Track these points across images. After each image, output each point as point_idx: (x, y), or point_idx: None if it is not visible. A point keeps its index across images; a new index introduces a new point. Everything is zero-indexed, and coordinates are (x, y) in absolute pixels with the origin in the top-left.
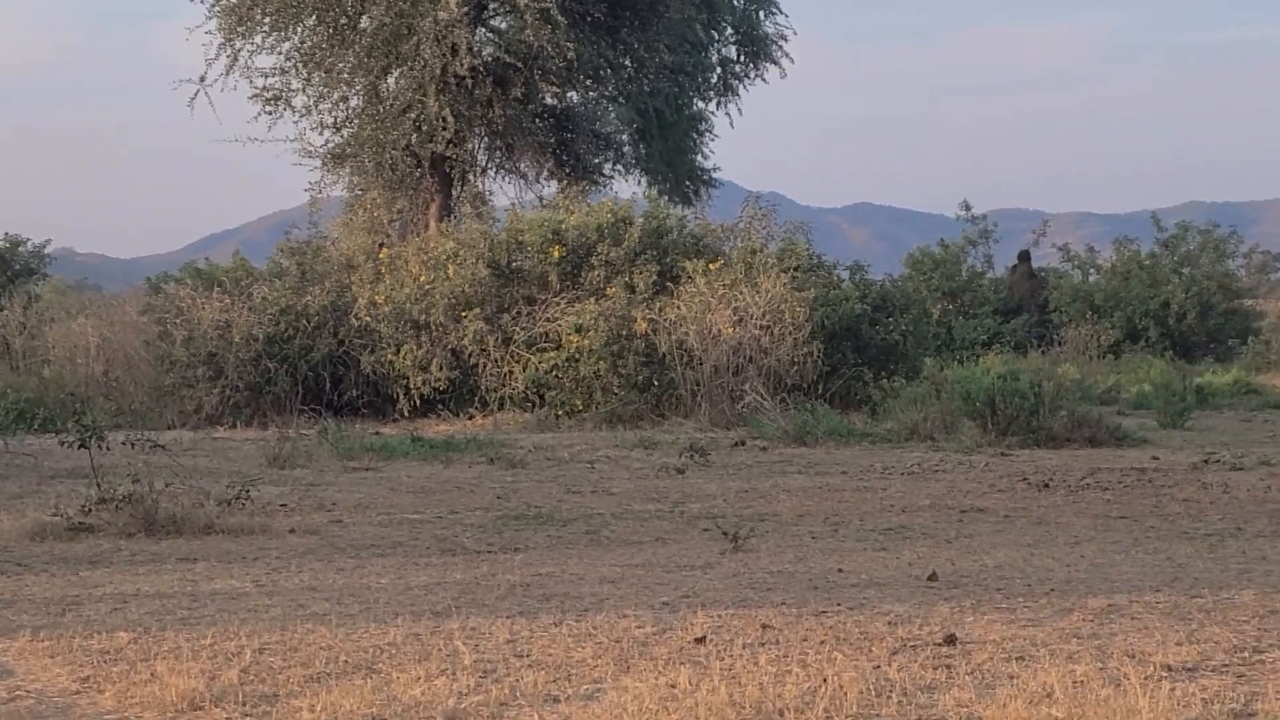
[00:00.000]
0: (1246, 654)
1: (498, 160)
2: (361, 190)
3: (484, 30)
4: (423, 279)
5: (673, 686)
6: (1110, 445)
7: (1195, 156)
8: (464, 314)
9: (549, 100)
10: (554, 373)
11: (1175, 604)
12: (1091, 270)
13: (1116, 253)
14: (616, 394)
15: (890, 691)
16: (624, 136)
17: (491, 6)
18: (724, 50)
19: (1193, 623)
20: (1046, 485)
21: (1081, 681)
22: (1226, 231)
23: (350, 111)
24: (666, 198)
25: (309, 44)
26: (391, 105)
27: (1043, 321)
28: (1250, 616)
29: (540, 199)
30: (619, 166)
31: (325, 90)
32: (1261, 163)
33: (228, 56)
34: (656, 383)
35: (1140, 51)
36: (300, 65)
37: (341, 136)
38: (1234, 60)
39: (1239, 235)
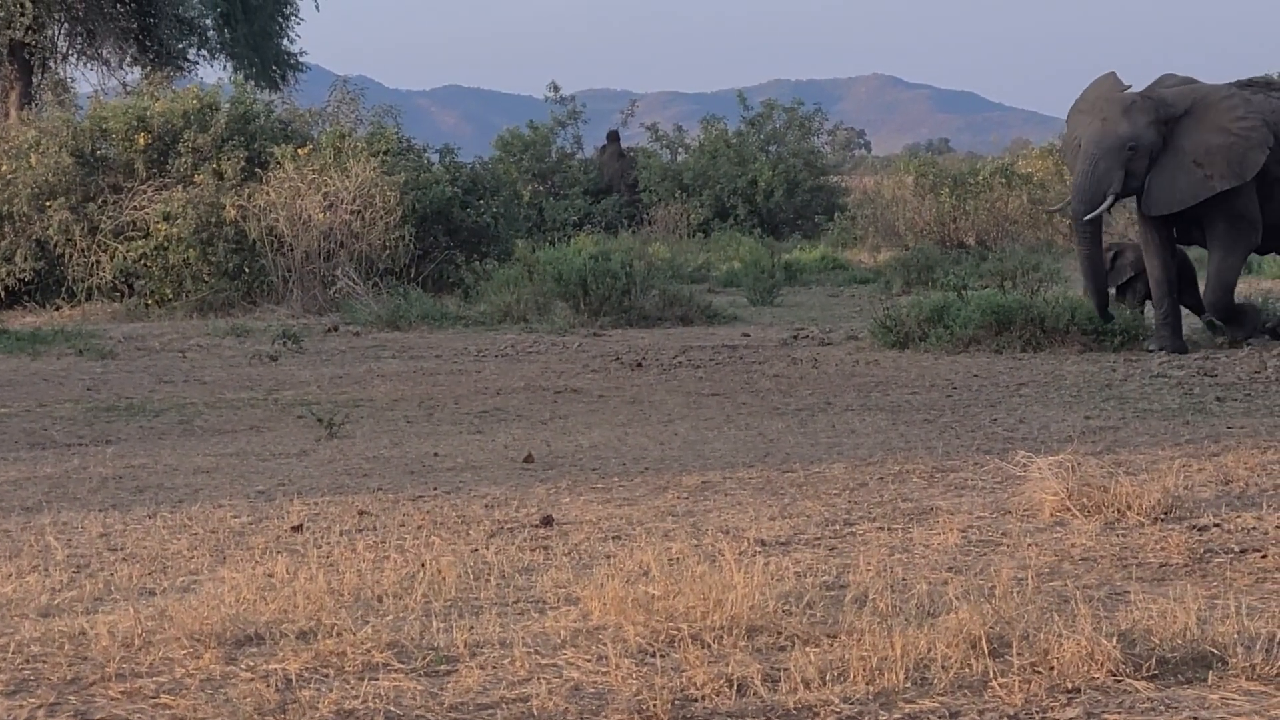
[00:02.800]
0: (838, 526)
1: (79, 47)
2: None
3: None
4: (4, 169)
5: (270, 576)
6: (702, 323)
7: (779, 35)
8: (48, 204)
9: None
10: (143, 261)
11: (768, 479)
12: (680, 149)
13: (704, 132)
14: (207, 282)
15: (489, 574)
16: (208, 21)
17: None
18: None
19: (785, 497)
20: (639, 364)
21: (677, 559)
22: (811, 109)
23: None
24: (253, 83)
25: None
26: None
27: (633, 201)
28: (841, 489)
29: (124, 86)
30: (204, 52)
31: None
32: (844, 41)
33: None
34: (247, 270)
35: None
36: None
37: None
38: None
39: (823, 113)
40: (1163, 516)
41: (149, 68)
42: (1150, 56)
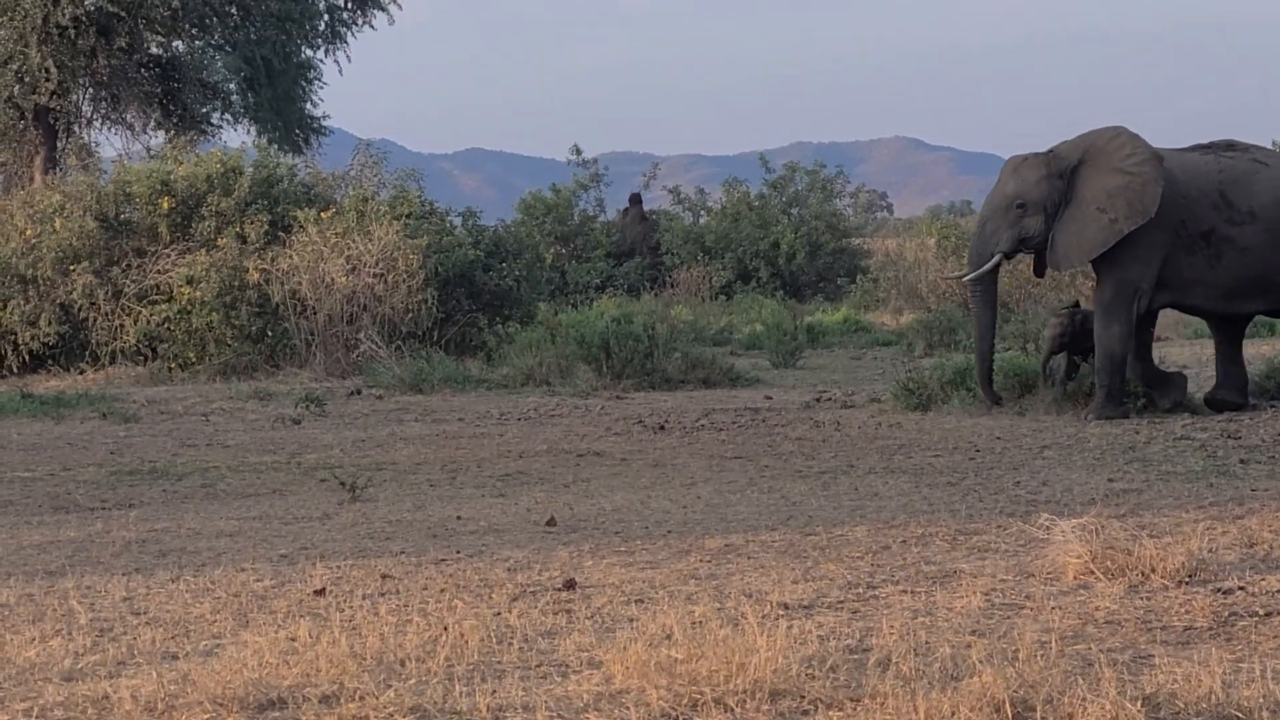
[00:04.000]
0: (861, 590)
1: (103, 111)
2: None
3: None
4: (29, 233)
5: (293, 640)
6: (724, 386)
7: (800, 97)
8: (73, 267)
9: (154, 50)
10: (166, 325)
11: (790, 542)
12: (702, 212)
13: (726, 194)
14: (230, 345)
15: (511, 638)
16: (232, 85)
17: None
18: None
19: (808, 560)
20: (662, 427)
21: (700, 622)
22: (833, 171)
23: None
24: (276, 147)
25: None
26: None
27: (655, 264)
28: (864, 552)
29: (148, 150)
30: (227, 116)
31: None
32: (865, 103)
33: None
34: (270, 333)
35: None
36: None
37: None
38: (837, 1)
39: (845, 175)
40: (1187, 579)
41: (173, 132)
42: (1177, 120)
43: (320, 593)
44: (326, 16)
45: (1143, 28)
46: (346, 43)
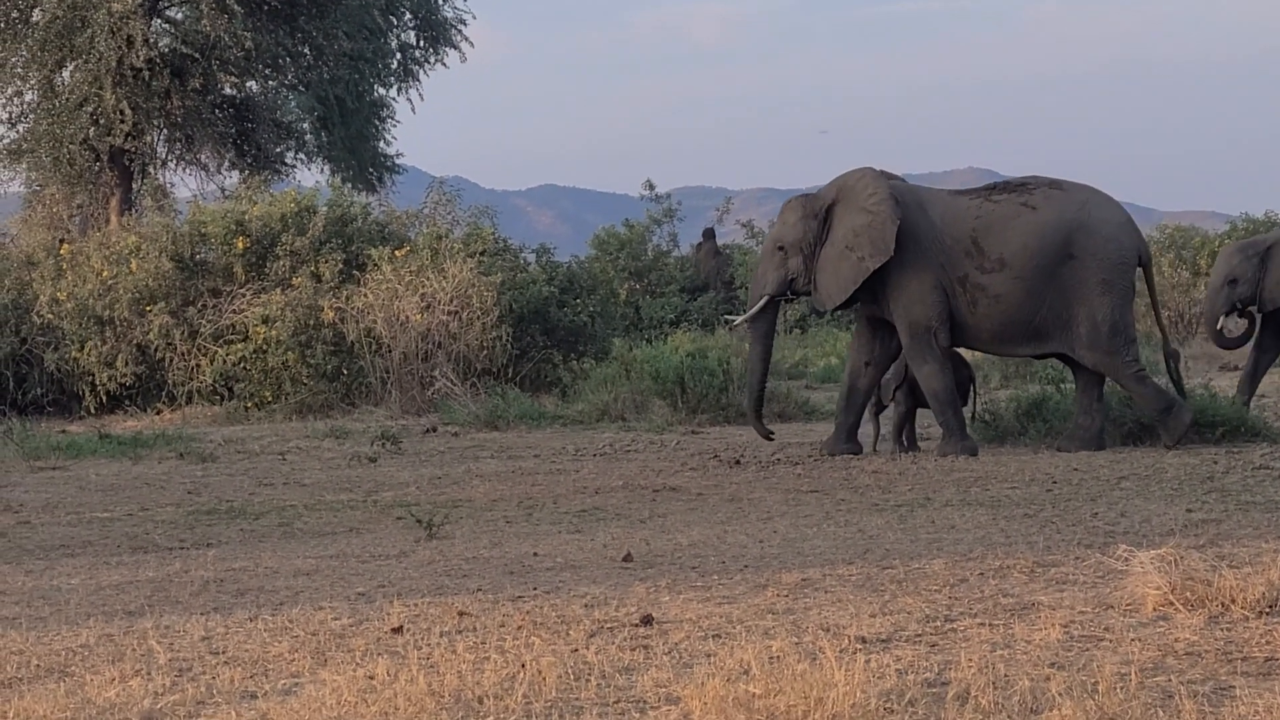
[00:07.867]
0: (939, 623)
1: (178, 152)
2: (40, 186)
3: (160, 21)
4: (105, 274)
5: (371, 678)
6: (800, 420)
7: (873, 128)
8: (149, 308)
9: (228, 90)
10: (242, 365)
11: (868, 576)
12: None
13: None
14: (306, 384)
15: (589, 675)
16: (305, 125)
17: None
18: (403, 36)
19: (885, 594)
20: (738, 462)
21: (778, 657)
22: None
23: (25, 106)
24: (350, 185)
25: None
26: (68, 99)
27: (729, 298)
28: (941, 585)
29: (222, 190)
30: (301, 155)
31: None
32: (937, 134)
33: None
34: (346, 371)
35: (814, 27)
36: None
37: (17, 132)
38: (911, 34)
39: None
40: (1268, 610)
41: (247, 172)
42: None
43: (398, 631)
44: (399, 55)
45: (1223, 54)
46: (419, 81)
